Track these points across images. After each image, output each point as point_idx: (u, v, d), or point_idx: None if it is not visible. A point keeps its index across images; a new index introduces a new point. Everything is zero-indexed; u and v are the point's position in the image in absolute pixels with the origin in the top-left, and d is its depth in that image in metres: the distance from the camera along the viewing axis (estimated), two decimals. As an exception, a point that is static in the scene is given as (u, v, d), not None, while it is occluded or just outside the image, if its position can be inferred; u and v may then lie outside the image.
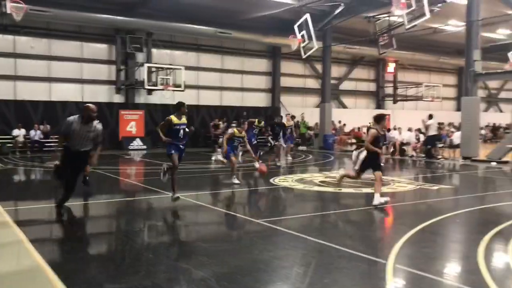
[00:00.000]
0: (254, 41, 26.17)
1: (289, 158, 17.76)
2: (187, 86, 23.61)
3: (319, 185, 11.07)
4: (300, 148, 24.96)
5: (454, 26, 25.36)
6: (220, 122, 21.94)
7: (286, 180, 11.76)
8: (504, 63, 27.06)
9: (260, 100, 28.02)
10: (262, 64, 28.16)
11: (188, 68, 24.06)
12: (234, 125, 15.23)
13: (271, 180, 11.77)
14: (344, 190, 10.55)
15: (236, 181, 11.11)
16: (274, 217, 7.84)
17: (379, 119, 8.79)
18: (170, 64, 23.44)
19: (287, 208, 9.05)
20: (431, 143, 18.98)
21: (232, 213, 8.21)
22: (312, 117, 27.26)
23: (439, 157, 18.81)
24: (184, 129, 8.46)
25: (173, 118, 8.37)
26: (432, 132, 18.88)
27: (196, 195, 9.68)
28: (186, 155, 9.00)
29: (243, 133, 11.60)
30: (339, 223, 7.58)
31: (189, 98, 24.88)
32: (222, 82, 26.74)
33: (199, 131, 24.00)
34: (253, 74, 27.72)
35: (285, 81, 28.64)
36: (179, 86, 22.90)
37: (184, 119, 8.47)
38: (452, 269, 5.28)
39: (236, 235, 6.71)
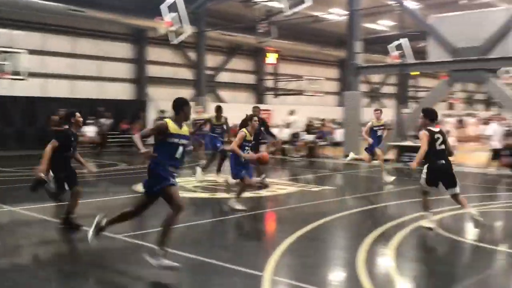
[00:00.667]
0: (114, 22, 25.34)
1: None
2: (31, 74, 22.09)
3: (192, 191, 11.10)
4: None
5: (336, 15, 27.10)
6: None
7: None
8: (386, 56, 29.55)
9: (123, 91, 27.24)
10: (124, 50, 27.41)
11: (32, 52, 22.51)
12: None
13: (133, 187, 11.53)
14: (219, 195, 10.70)
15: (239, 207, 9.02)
16: (138, 231, 7.69)
17: (434, 114, 7.64)
18: (8, 47, 21.75)
19: (153, 220, 8.86)
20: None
21: (87, 228, 7.87)
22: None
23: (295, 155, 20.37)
24: (184, 146, 5.76)
25: (170, 123, 5.61)
26: (296, 129, 20.23)
27: (41, 207, 9.10)
28: (27, 159, 8.39)
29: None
30: (213, 234, 7.66)
31: (34, 89, 23.32)
32: (75, 69, 25.48)
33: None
34: (114, 61, 26.85)
35: (153, 70, 28.20)
36: (19, 73, 21.35)
37: (185, 129, 5.80)
38: (332, 278, 5.63)
39: (92, 255, 6.44)
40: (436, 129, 7.54)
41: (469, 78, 20.35)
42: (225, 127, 13.23)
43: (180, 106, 5.71)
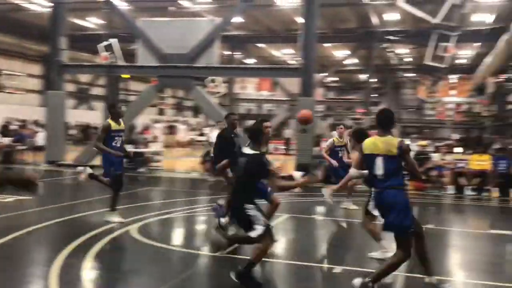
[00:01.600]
0: None
1: None
2: None
3: None
4: None
5: (39, 5, 25.85)
6: None
7: None
8: (96, 56, 29.31)
9: None
10: None
11: None
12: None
13: None
14: None
15: None
16: None
17: (363, 135, 6.53)
18: None
19: None
20: None
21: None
22: None
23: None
24: None
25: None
26: None
27: None
28: None
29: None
30: None
31: None
32: None
33: None
34: None
35: None
36: None
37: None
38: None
39: None
40: None
41: (177, 85, 21.64)
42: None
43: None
